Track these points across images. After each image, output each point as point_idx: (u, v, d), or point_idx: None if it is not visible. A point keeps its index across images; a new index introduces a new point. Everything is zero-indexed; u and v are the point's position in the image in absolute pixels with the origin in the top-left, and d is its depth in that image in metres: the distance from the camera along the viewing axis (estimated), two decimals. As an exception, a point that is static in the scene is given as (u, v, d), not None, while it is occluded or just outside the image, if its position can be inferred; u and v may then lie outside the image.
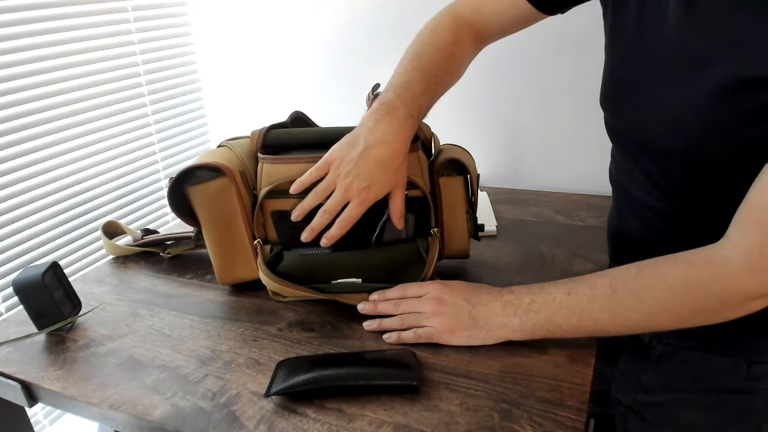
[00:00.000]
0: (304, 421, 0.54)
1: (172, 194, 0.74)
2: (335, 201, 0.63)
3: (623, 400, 0.72)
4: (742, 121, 0.48)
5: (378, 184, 0.63)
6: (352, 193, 0.63)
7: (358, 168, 0.62)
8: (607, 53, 0.63)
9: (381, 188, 0.64)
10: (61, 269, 0.73)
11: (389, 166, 0.63)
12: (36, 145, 1.08)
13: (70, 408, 0.62)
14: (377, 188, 0.63)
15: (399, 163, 0.64)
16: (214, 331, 0.70)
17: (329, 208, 0.64)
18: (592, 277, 0.59)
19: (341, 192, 0.63)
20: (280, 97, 1.42)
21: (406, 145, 0.65)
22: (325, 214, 0.64)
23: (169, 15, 1.37)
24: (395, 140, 0.63)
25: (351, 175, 0.62)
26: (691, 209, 0.58)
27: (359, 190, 0.62)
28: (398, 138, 0.63)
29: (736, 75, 0.46)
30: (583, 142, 1.14)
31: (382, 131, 0.63)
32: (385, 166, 0.63)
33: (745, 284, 0.50)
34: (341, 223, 0.64)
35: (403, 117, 0.64)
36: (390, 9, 1.20)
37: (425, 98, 0.67)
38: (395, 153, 0.63)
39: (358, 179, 0.62)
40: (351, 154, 0.63)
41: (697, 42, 0.50)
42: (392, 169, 0.63)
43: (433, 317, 0.64)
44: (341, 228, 0.64)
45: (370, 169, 0.62)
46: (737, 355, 0.62)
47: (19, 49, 1.03)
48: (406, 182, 0.67)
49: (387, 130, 0.63)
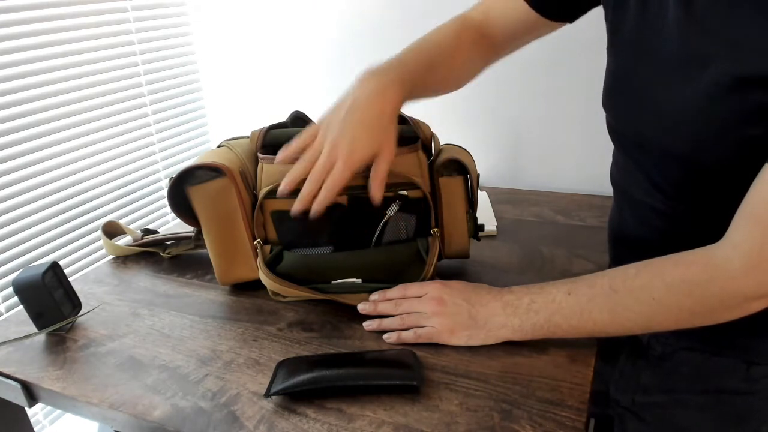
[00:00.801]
0: (304, 421, 0.54)
1: (172, 194, 0.74)
2: (321, 164, 0.61)
3: (622, 400, 0.72)
4: (742, 120, 0.48)
5: (362, 144, 0.61)
6: (337, 155, 0.60)
7: (343, 129, 0.60)
8: (608, 54, 0.63)
9: (366, 149, 0.61)
10: (61, 269, 0.73)
11: (375, 127, 0.61)
12: (36, 145, 1.08)
13: (70, 408, 0.62)
14: (362, 148, 0.61)
15: (385, 124, 0.62)
16: (214, 331, 0.70)
17: (315, 173, 0.61)
18: (592, 277, 0.59)
19: (326, 155, 0.60)
20: (280, 97, 1.41)
21: (393, 105, 0.62)
22: (312, 180, 0.61)
23: (169, 15, 1.37)
24: (381, 99, 0.61)
25: (336, 136, 0.60)
26: (691, 210, 0.58)
27: (344, 152, 0.60)
28: (384, 98, 0.61)
29: (735, 74, 0.47)
30: (583, 142, 1.13)
31: (369, 90, 0.62)
32: (371, 126, 0.61)
33: (744, 284, 0.50)
34: (327, 188, 0.61)
35: (390, 80, 0.63)
36: (390, 9, 1.20)
37: (418, 75, 0.66)
38: (380, 112, 0.61)
39: (343, 140, 0.60)
40: (337, 117, 0.61)
41: (697, 42, 0.50)
42: (378, 129, 0.61)
43: (433, 317, 0.63)
44: (328, 192, 0.61)
45: (355, 128, 0.60)
46: (736, 357, 0.62)
47: (20, 49, 1.03)
48: (394, 147, 0.63)
49: (373, 89, 0.62)
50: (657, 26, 0.54)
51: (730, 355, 0.62)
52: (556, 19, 0.70)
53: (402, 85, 0.63)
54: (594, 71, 0.70)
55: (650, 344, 0.68)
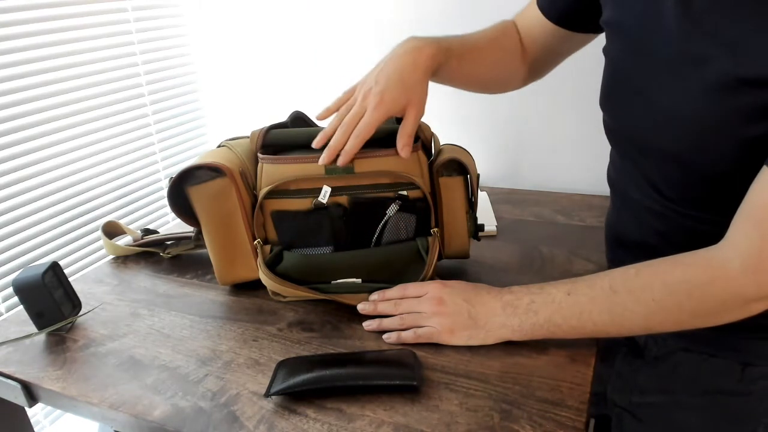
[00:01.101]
0: (304, 421, 0.54)
1: (172, 194, 0.74)
2: (354, 112, 0.64)
3: (619, 401, 0.72)
4: (740, 121, 0.48)
5: (392, 93, 0.63)
6: (368, 101, 0.63)
7: (377, 77, 0.64)
8: (605, 54, 0.63)
9: (396, 98, 0.64)
10: (61, 269, 0.73)
11: (406, 78, 0.64)
12: (36, 145, 1.07)
13: (70, 408, 0.62)
14: (392, 97, 0.63)
15: (419, 77, 0.65)
16: (214, 331, 0.70)
17: (346, 122, 0.64)
18: (592, 277, 0.59)
19: (358, 104, 0.64)
20: (280, 97, 1.41)
21: (427, 60, 0.65)
22: (343, 129, 0.64)
23: (169, 15, 1.37)
24: (416, 53, 0.65)
25: (369, 86, 0.64)
26: (688, 211, 0.58)
27: (374, 94, 0.63)
28: (420, 52, 0.65)
29: (734, 75, 0.46)
30: (583, 142, 1.13)
31: (405, 47, 0.66)
32: (401, 77, 0.64)
33: (744, 286, 0.50)
34: (356, 134, 0.63)
35: (427, 42, 0.66)
36: (391, 9, 1.20)
37: (454, 49, 0.69)
38: (414, 65, 0.64)
39: (376, 87, 0.63)
40: (374, 72, 0.66)
41: (695, 42, 0.50)
42: (410, 81, 0.64)
43: (433, 317, 0.64)
44: (357, 140, 0.63)
45: (388, 78, 0.64)
46: (731, 358, 0.62)
47: (19, 50, 1.03)
48: (423, 107, 0.66)
49: (410, 46, 0.66)
50: (654, 26, 0.54)
51: (725, 356, 0.62)
52: (576, 29, 0.70)
53: (438, 47, 0.66)
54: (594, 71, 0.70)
55: (647, 345, 0.68)
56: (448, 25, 0.81)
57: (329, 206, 0.71)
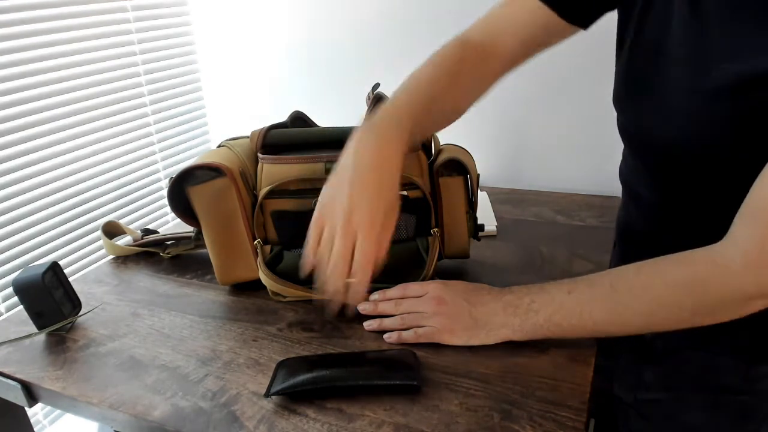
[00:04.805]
0: (304, 421, 0.54)
1: (172, 194, 0.74)
2: (338, 250, 0.53)
3: (624, 398, 0.72)
4: (750, 120, 0.48)
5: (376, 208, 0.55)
6: (355, 230, 0.54)
7: (351, 199, 0.54)
8: (620, 55, 0.63)
9: (382, 212, 0.55)
10: (61, 269, 0.73)
11: (387, 192, 0.56)
12: (36, 145, 1.07)
13: (70, 408, 0.62)
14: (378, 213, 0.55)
15: (396, 182, 0.57)
16: (214, 331, 0.70)
17: (337, 263, 0.54)
18: (593, 276, 0.59)
19: (342, 236, 0.53)
20: (280, 97, 1.42)
21: (400, 162, 0.57)
22: (336, 273, 0.54)
23: (169, 15, 1.37)
24: (387, 163, 0.56)
25: (347, 210, 0.54)
26: (700, 208, 0.58)
27: (364, 222, 0.53)
28: (391, 161, 0.56)
29: (743, 74, 0.47)
30: (583, 143, 1.13)
31: (369, 156, 0.56)
32: (382, 190, 0.56)
33: (745, 284, 0.50)
34: (360, 268, 0.53)
35: (389, 139, 0.57)
36: (391, 9, 1.20)
37: (418, 121, 0.60)
38: (391, 175, 0.56)
39: (358, 210, 0.54)
40: (341, 191, 0.55)
41: (704, 42, 0.50)
42: (387, 188, 0.56)
43: (434, 317, 0.63)
44: (363, 275, 0.54)
45: (362, 194, 0.54)
46: (737, 356, 0.62)
47: (20, 49, 1.03)
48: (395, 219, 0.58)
49: (374, 155, 0.56)
50: (663, 25, 0.54)
51: (731, 354, 0.62)
52: (572, 20, 0.68)
53: (402, 141, 0.58)
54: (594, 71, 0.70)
55: (653, 342, 0.68)
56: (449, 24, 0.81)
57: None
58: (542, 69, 1.12)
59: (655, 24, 0.56)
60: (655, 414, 0.68)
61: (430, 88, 0.63)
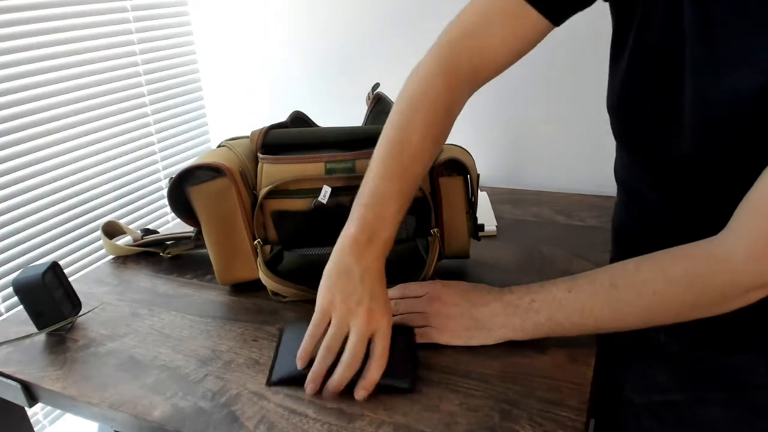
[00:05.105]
0: (304, 421, 0.54)
1: (172, 194, 0.74)
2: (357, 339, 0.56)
3: (637, 400, 0.71)
4: (758, 126, 0.48)
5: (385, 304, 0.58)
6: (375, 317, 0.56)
7: (364, 290, 0.57)
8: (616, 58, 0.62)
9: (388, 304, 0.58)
10: (61, 269, 0.73)
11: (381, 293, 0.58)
12: (36, 144, 1.07)
13: (70, 408, 0.62)
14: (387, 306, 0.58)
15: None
16: (214, 331, 0.70)
17: (353, 354, 0.56)
18: (592, 273, 0.59)
19: (363, 323, 0.56)
20: (280, 97, 1.42)
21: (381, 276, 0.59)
22: (351, 364, 0.56)
23: (169, 15, 1.37)
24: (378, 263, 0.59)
25: (361, 299, 0.56)
26: (699, 208, 0.58)
27: (380, 309, 0.57)
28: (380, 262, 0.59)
29: (753, 81, 0.47)
30: (583, 143, 1.13)
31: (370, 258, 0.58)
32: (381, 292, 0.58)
33: (746, 276, 0.50)
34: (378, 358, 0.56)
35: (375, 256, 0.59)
36: (391, 8, 1.20)
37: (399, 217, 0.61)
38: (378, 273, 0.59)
39: (377, 299, 0.57)
40: (351, 284, 0.57)
41: (717, 50, 0.50)
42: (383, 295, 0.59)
43: (434, 317, 0.63)
44: (380, 366, 0.56)
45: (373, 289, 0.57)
46: (754, 352, 0.61)
47: (20, 49, 1.03)
48: None
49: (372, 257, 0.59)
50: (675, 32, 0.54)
51: (746, 352, 0.62)
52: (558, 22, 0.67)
53: (386, 251, 0.60)
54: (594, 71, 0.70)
55: (665, 343, 0.68)
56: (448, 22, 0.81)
57: (329, 206, 0.71)
58: (542, 69, 1.12)
59: (659, 32, 0.55)
60: (671, 416, 0.68)
61: (414, 168, 0.62)
